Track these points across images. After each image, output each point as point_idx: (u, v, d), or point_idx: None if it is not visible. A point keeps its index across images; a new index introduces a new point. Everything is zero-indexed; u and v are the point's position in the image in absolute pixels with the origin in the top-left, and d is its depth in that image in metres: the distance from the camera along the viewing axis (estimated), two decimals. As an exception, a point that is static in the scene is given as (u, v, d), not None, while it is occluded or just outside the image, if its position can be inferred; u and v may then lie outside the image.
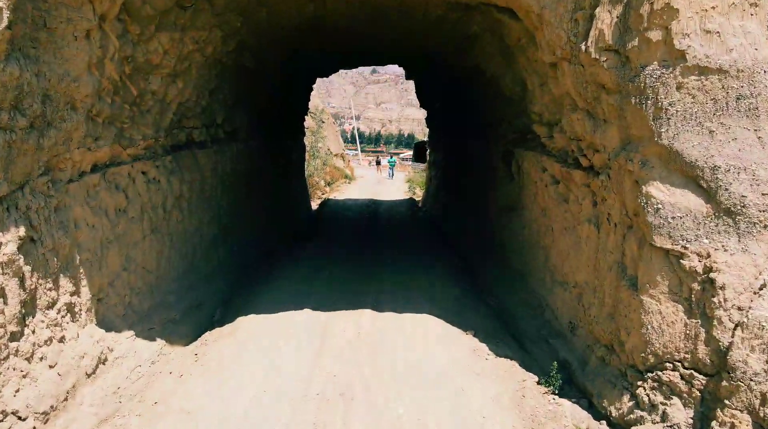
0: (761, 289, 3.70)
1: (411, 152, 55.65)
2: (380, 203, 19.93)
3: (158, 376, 5.62)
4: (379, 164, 38.70)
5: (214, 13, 6.62)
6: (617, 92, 4.46)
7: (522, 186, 8.24)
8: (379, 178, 33.51)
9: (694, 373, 3.91)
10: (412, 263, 9.99)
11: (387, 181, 31.54)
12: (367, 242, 12.15)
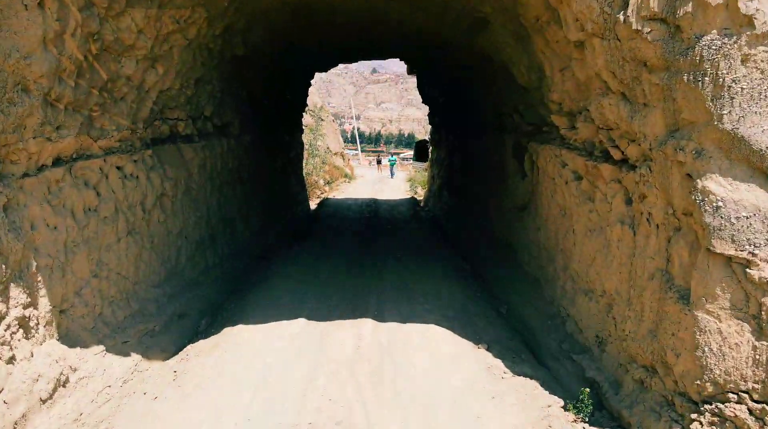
0: None
1: (411, 152, 55.01)
2: (381, 203, 19.24)
3: (130, 398, 4.94)
4: (380, 163, 38.15)
5: (197, -11, 5.95)
6: (663, 69, 3.78)
7: (536, 183, 7.55)
8: (380, 178, 32.85)
9: (767, 408, 3.23)
10: (416, 266, 9.31)
11: (387, 180, 30.91)
12: (367, 244, 11.47)
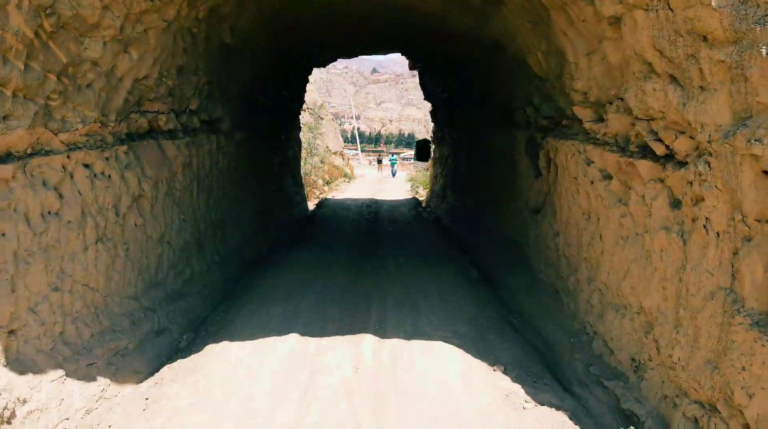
0: None
1: (411, 152, 54.29)
2: (381, 203, 18.54)
3: (91, 433, 4.24)
4: (381, 163, 37.51)
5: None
6: (731, 43, 3.08)
7: (553, 183, 6.85)
8: (380, 177, 32.19)
9: None
10: (420, 272, 8.60)
11: (388, 180, 30.28)
12: (367, 247, 10.76)
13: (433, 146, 20.09)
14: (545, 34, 6.04)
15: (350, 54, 16.49)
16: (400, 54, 16.92)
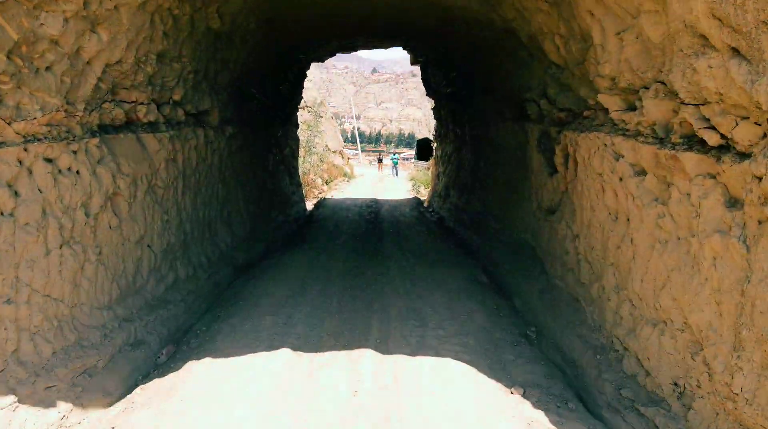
0: None
1: (411, 152, 53.67)
2: (382, 203, 17.92)
3: (44, 471, 3.62)
4: (381, 162, 36.95)
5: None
6: (825, 1, 2.46)
7: (572, 180, 6.24)
8: (381, 177, 31.60)
9: None
10: (424, 278, 7.98)
11: (388, 180, 29.71)
12: (367, 250, 10.13)
13: (435, 144, 19.48)
14: (565, 14, 5.42)
15: (350, 48, 15.85)
16: (401, 48, 16.30)
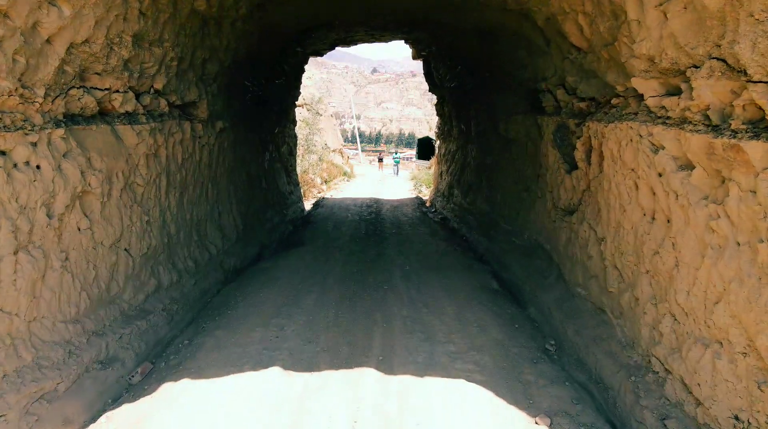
0: None
1: (412, 152, 53.00)
2: (383, 203, 17.28)
3: None
4: (381, 161, 36.36)
5: None
6: None
7: (595, 177, 5.61)
8: (381, 176, 30.99)
9: None
10: (431, 285, 7.35)
11: (389, 179, 29.10)
12: (368, 253, 9.50)
13: (437, 143, 18.86)
14: (593, -12, 4.80)
15: (350, 41, 15.20)
16: (403, 42, 15.66)
